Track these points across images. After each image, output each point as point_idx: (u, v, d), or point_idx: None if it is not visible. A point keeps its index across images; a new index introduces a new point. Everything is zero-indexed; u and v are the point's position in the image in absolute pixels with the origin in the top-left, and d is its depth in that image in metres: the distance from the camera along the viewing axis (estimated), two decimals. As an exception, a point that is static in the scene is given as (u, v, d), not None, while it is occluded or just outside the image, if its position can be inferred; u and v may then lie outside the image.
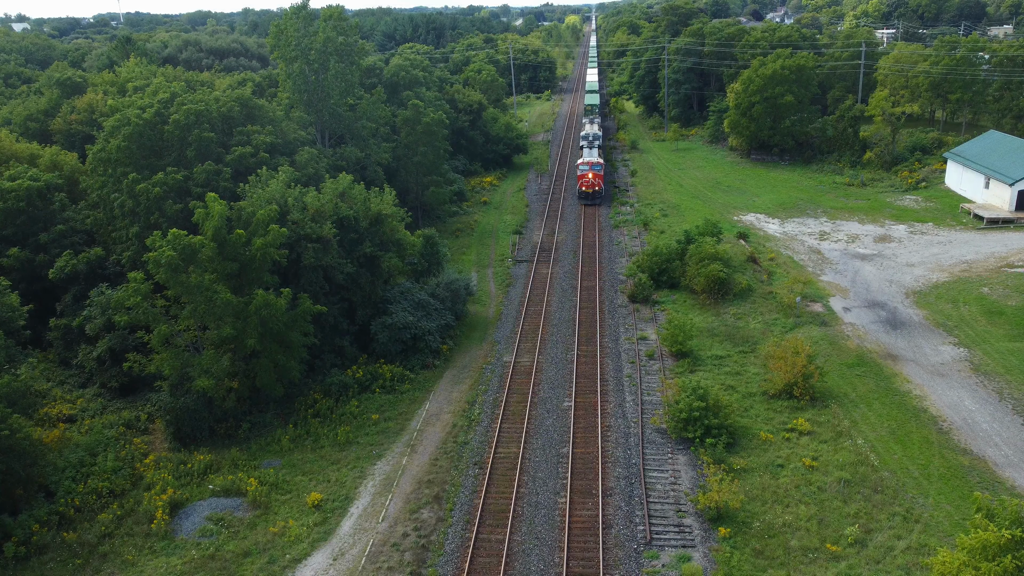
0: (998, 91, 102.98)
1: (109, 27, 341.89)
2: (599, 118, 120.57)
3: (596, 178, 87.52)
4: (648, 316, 58.21)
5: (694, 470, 39.19)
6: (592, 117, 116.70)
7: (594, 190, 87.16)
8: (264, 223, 45.04)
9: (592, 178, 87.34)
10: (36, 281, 54.51)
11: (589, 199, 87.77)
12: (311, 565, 34.05)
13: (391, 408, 46.96)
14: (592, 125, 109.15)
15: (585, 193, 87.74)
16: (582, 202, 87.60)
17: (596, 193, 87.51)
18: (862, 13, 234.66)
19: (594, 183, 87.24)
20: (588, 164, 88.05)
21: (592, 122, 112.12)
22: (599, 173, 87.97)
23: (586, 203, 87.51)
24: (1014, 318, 54.56)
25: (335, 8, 73.93)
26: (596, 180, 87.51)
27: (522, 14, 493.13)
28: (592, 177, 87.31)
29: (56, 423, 46.19)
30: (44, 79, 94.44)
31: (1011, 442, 40.47)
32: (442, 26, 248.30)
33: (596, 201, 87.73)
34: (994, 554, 25.13)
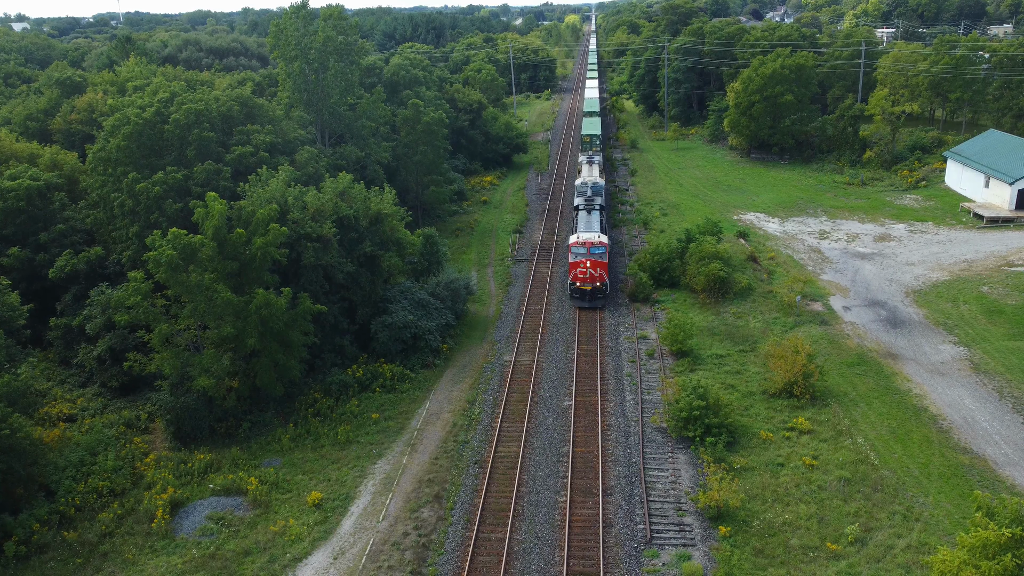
0: (998, 90, 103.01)
1: (109, 27, 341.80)
2: (601, 153, 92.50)
3: (596, 268, 57.90)
4: (648, 315, 58.22)
5: (694, 469, 39.20)
6: (591, 153, 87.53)
7: (593, 286, 57.97)
8: (264, 222, 45.04)
9: (590, 269, 57.84)
10: (36, 280, 54.52)
11: (586, 300, 58.37)
12: (311, 564, 34.06)
13: (391, 407, 46.98)
14: (591, 166, 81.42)
15: (580, 291, 58.24)
16: (576, 304, 58.83)
17: (596, 292, 58.16)
18: (862, 12, 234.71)
19: (594, 277, 57.91)
20: (584, 245, 58.06)
21: (591, 160, 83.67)
22: (601, 260, 58.08)
23: (582, 305, 58.60)
24: (1014, 317, 54.58)
25: (335, 7, 73.92)
26: (596, 273, 57.95)
27: (522, 13, 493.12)
28: (590, 267, 57.81)
29: (56, 422, 46.19)
30: (44, 79, 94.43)
31: (1011, 441, 40.49)
32: (442, 25, 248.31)
33: (597, 303, 58.30)
34: (994, 552, 25.14)
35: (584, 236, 59.79)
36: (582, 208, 67.60)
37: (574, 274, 58.27)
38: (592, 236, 59.68)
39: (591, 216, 65.51)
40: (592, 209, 66.80)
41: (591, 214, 65.87)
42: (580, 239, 59.20)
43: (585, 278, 57.78)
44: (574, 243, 59.28)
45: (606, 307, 58.53)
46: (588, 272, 57.61)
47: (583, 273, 57.72)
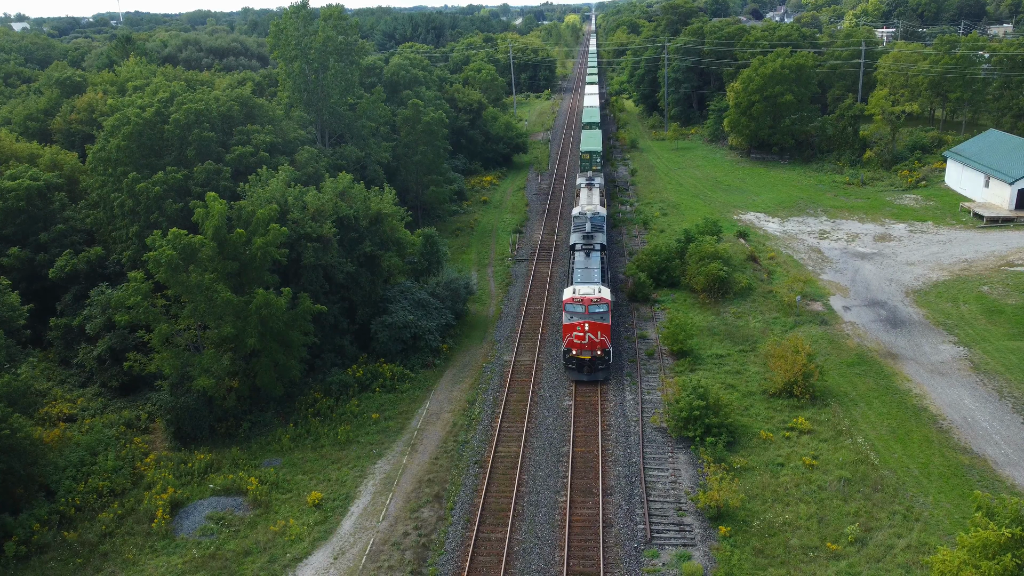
0: (998, 90, 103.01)
1: (109, 26, 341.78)
2: (602, 173, 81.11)
3: (596, 332, 46.88)
4: (648, 315, 58.21)
5: (694, 469, 39.21)
6: (591, 175, 76.71)
7: (593, 355, 47.12)
8: (264, 222, 45.04)
9: (588, 334, 46.86)
10: (36, 280, 54.53)
11: (584, 372, 47.64)
12: (312, 564, 34.07)
13: (391, 407, 46.98)
14: (590, 191, 70.47)
15: (577, 361, 47.48)
16: (572, 376, 48.07)
17: (597, 361, 47.33)
18: (862, 12, 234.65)
19: (593, 344, 47.02)
20: (582, 303, 47.32)
21: (591, 183, 72.64)
22: (602, 322, 47.12)
23: (578, 378, 47.77)
24: (1014, 317, 54.58)
25: (335, 7, 73.92)
26: (597, 339, 47.02)
27: (522, 13, 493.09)
28: (588, 331, 46.80)
29: (56, 422, 46.20)
30: (44, 78, 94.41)
31: (1011, 440, 40.49)
32: (442, 25, 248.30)
33: (598, 375, 47.62)
34: (994, 552, 25.14)
35: (582, 290, 48.63)
36: (580, 248, 55.62)
37: (569, 339, 47.47)
38: (591, 290, 48.56)
39: (590, 260, 53.82)
40: (591, 250, 55.02)
41: (590, 257, 54.24)
42: (577, 294, 48.16)
43: (582, 344, 47.08)
44: (569, 300, 48.09)
45: (610, 379, 48.19)
46: (587, 337, 46.87)
47: (580, 339, 47.03)
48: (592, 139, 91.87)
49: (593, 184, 72.93)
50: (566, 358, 47.97)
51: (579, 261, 54.23)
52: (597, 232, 58.44)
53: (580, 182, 75.79)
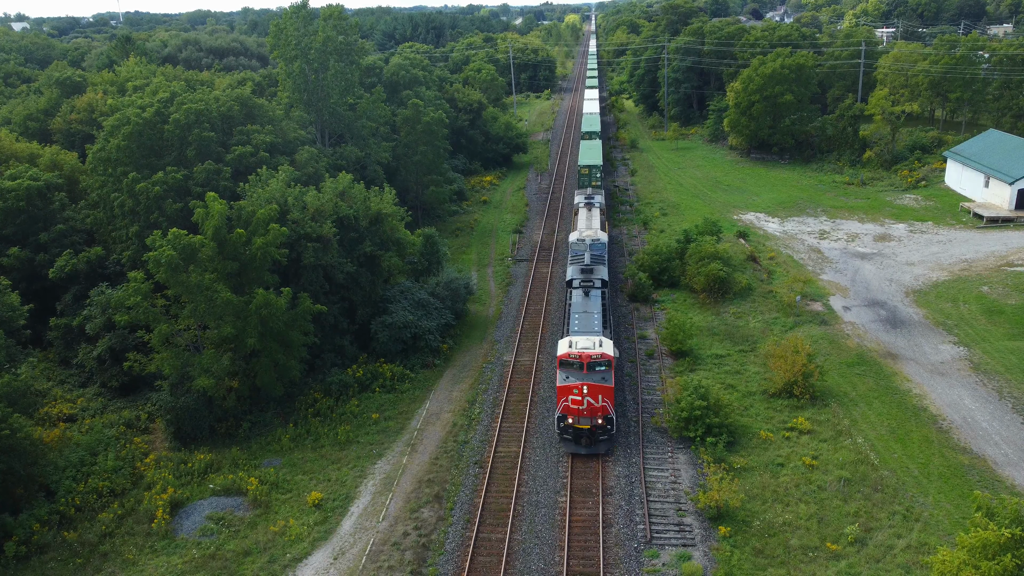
0: (998, 90, 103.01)
1: (108, 26, 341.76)
2: (602, 190, 74.06)
3: (597, 396, 38.97)
4: (648, 315, 58.21)
5: (694, 469, 39.21)
6: (590, 192, 70.16)
7: (593, 423, 39.19)
8: (264, 222, 45.05)
9: (588, 398, 38.85)
10: (36, 280, 54.52)
11: (583, 443, 39.85)
12: (312, 564, 34.07)
13: (391, 407, 46.99)
14: (590, 213, 64.00)
15: (574, 431, 39.54)
16: (569, 449, 40.26)
17: (598, 431, 39.52)
18: (862, 12, 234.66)
19: (594, 410, 39.07)
20: (580, 359, 39.35)
21: (590, 203, 66.32)
22: (604, 384, 39.25)
23: (576, 451, 40.09)
24: (1014, 317, 54.58)
25: (335, 7, 73.91)
26: (598, 404, 39.05)
27: (522, 13, 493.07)
28: (588, 395, 38.82)
29: (56, 422, 46.21)
30: (44, 78, 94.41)
31: (1011, 441, 40.50)
32: (442, 25, 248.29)
33: (599, 447, 39.99)
34: (994, 553, 25.15)
35: (580, 343, 40.14)
36: (578, 286, 47.78)
37: (564, 404, 39.13)
38: (591, 343, 40.11)
39: (589, 301, 45.62)
40: (591, 287, 47.15)
41: (589, 297, 46.07)
42: (574, 348, 39.80)
43: (580, 411, 38.79)
44: (565, 356, 39.64)
45: (613, 450, 40.31)
46: (585, 402, 38.58)
47: (577, 404, 38.65)
48: (591, 151, 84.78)
49: (593, 203, 66.02)
50: (560, 427, 39.80)
51: (577, 303, 46.13)
52: (598, 264, 50.84)
53: (578, 200, 67.90)
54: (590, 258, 51.85)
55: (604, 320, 44.66)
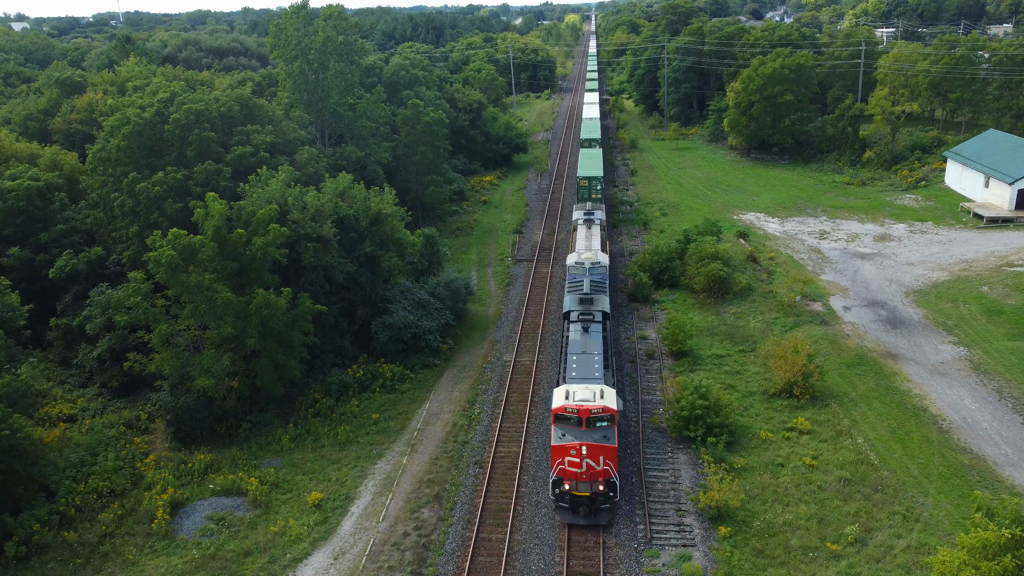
0: (998, 90, 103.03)
1: (108, 26, 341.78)
2: (603, 205, 67.01)
3: (598, 458, 33.90)
4: (648, 315, 58.21)
5: (694, 469, 39.21)
6: (590, 207, 63.65)
7: (594, 490, 34.23)
8: (264, 222, 45.06)
9: (587, 460, 33.81)
10: (36, 281, 54.51)
11: (581, 513, 34.71)
12: (312, 564, 34.07)
13: (391, 407, 46.98)
14: (589, 231, 57.73)
15: (572, 499, 34.49)
16: (564, 519, 35.00)
17: (599, 498, 34.48)
18: (861, 12, 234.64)
19: (594, 473, 34.10)
20: (579, 413, 34.02)
21: (590, 219, 59.98)
22: (606, 444, 33.93)
23: (574, 521, 34.75)
24: (1014, 317, 54.59)
25: (335, 7, 73.92)
26: (599, 467, 34.03)
27: (522, 13, 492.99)
28: (587, 457, 33.78)
29: (56, 423, 46.21)
30: (44, 78, 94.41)
31: (1011, 441, 40.51)
32: (442, 25, 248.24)
33: (599, 517, 34.85)
34: (994, 553, 25.15)
35: (579, 394, 34.39)
36: (576, 319, 41.79)
37: (560, 467, 33.92)
38: (591, 393, 34.45)
39: (589, 339, 39.82)
40: (591, 322, 41.30)
41: (589, 334, 40.18)
42: (571, 400, 34.07)
43: (579, 475, 33.58)
44: (561, 409, 33.97)
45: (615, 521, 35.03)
46: (584, 465, 33.41)
47: (575, 466, 33.48)
48: (591, 161, 77.35)
49: (593, 220, 59.71)
50: (556, 492, 34.21)
51: (575, 341, 39.87)
52: (598, 293, 44.90)
53: (576, 217, 61.55)
54: (590, 285, 45.81)
55: (606, 361, 38.97)
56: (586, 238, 56.96)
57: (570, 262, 52.00)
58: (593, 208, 63.70)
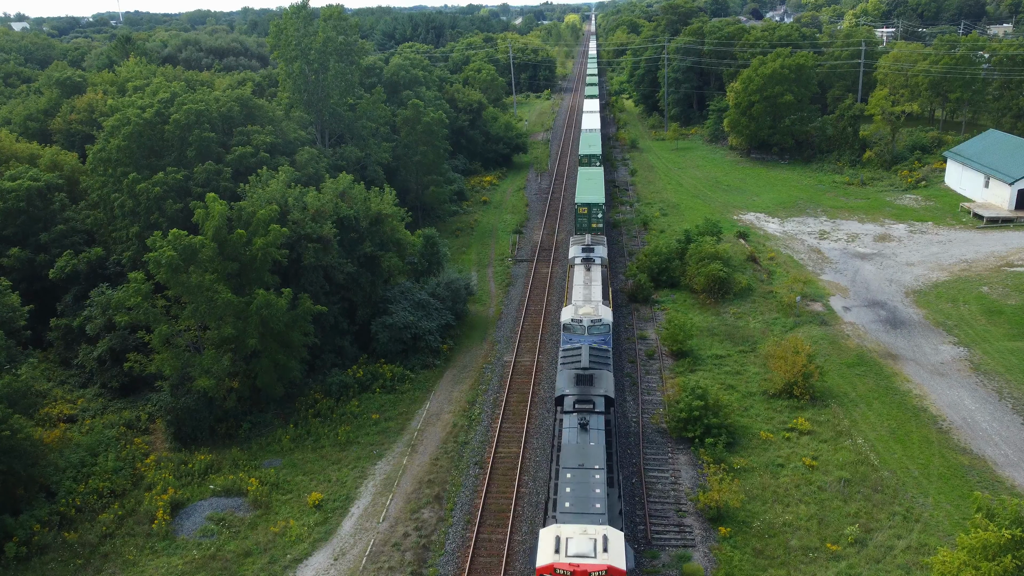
0: (998, 90, 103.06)
1: (108, 26, 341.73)
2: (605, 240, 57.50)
3: None
4: (648, 315, 58.22)
5: (694, 469, 39.23)
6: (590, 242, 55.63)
7: None
8: (264, 223, 45.07)
9: None
10: (36, 281, 54.52)
11: None
12: (312, 565, 34.08)
13: (391, 408, 47.00)
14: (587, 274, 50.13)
15: None
16: None
17: None
18: (861, 12, 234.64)
19: None
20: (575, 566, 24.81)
21: (589, 259, 51.75)
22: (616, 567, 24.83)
23: None
24: (1014, 317, 54.60)
25: (335, 7, 73.92)
26: None
27: (521, 13, 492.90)
28: None
29: (57, 423, 46.21)
30: (44, 78, 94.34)
31: (1011, 441, 40.52)
32: (442, 25, 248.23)
33: None
34: (994, 554, 25.17)
35: (573, 544, 25.92)
36: (571, 407, 33.61)
37: None
38: (590, 543, 25.93)
39: (588, 440, 31.62)
40: (591, 412, 33.24)
41: (588, 431, 32.04)
42: (563, 555, 25.62)
43: None
44: (547, 569, 25.48)
45: None
46: None
47: None
48: (591, 184, 67.02)
49: (593, 259, 51.28)
50: None
51: (569, 445, 31.28)
52: (600, 367, 36.93)
53: (574, 254, 53.23)
54: (589, 357, 37.34)
55: (610, 478, 29.59)
56: (584, 284, 48.79)
57: (565, 318, 43.36)
58: (593, 243, 55.59)
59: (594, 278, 49.65)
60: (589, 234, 59.28)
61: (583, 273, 50.46)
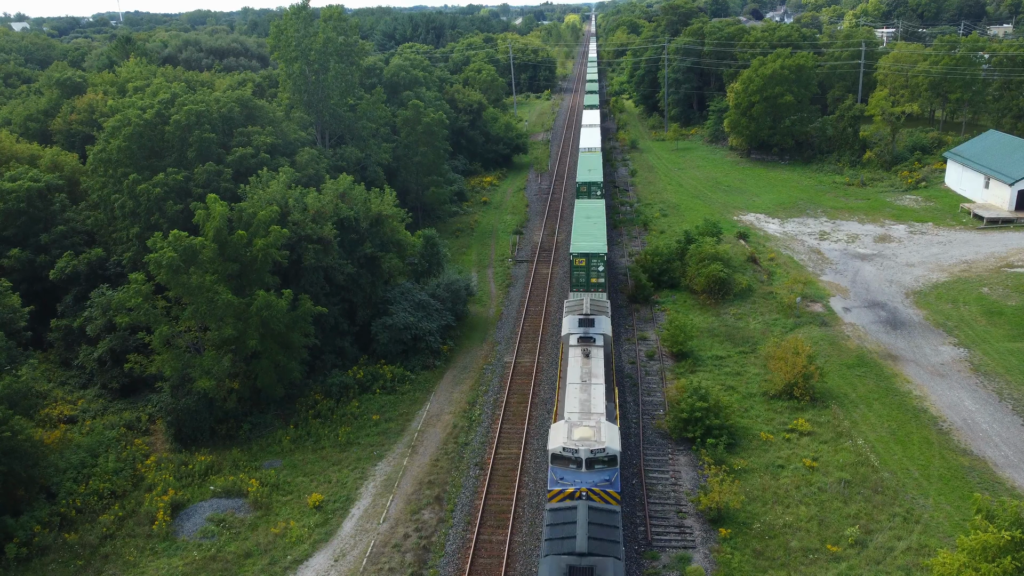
0: (998, 90, 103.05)
1: (108, 26, 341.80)
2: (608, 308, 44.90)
3: None
4: (648, 316, 58.23)
5: (694, 470, 39.24)
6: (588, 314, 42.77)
7: None
8: (265, 224, 45.09)
9: None
10: (37, 282, 54.52)
11: None
12: (312, 566, 34.10)
13: (392, 408, 47.01)
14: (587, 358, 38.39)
15: None
16: None
17: None
18: (862, 12, 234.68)
19: None
20: None
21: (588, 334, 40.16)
22: None
23: None
24: (1014, 318, 54.61)
25: (335, 8, 73.93)
26: None
27: (522, 13, 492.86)
28: None
29: (57, 424, 46.21)
30: (44, 79, 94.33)
31: (1011, 442, 40.53)
32: (442, 25, 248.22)
33: None
34: (994, 555, 25.19)
35: None
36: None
37: None
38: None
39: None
40: None
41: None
42: None
43: None
44: None
45: None
46: None
47: None
48: (590, 224, 56.31)
49: (593, 339, 39.71)
50: None
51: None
52: (605, 538, 26.99)
53: (568, 329, 40.40)
54: (587, 524, 27.04)
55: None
56: (582, 382, 36.27)
57: (553, 444, 32.04)
58: (594, 310, 42.65)
59: (595, 370, 36.77)
60: (587, 294, 46.92)
61: (579, 362, 37.68)
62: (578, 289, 51.07)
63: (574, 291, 51.20)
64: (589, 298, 46.14)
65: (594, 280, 51.39)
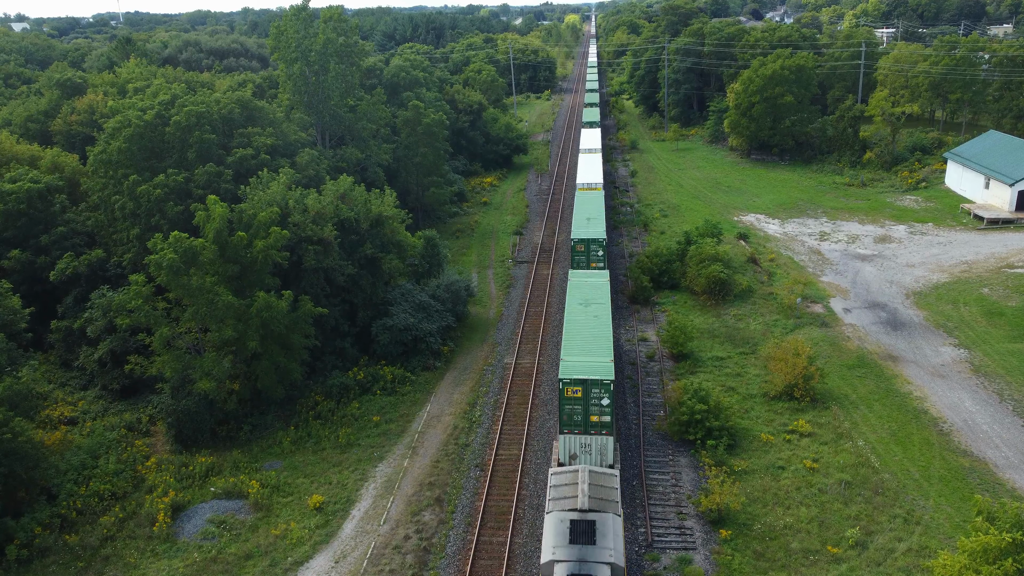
0: (998, 91, 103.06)
1: (109, 27, 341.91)
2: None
3: None
4: (648, 317, 58.22)
5: (695, 472, 39.24)
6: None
7: None
8: (265, 225, 45.10)
9: None
10: (37, 283, 54.53)
11: None
12: (313, 567, 34.10)
13: (392, 410, 47.01)
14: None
15: None
16: None
17: None
18: (862, 12, 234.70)
19: None
20: None
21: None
22: None
23: None
24: (1014, 319, 54.60)
25: (335, 9, 73.91)
26: None
27: (522, 13, 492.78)
28: None
29: (58, 425, 46.22)
30: (44, 79, 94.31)
31: (1011, 444, 40.52)
32: (442, 26, 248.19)
33: None
34: (995, 557, 25.18)
35: None
36: None
37: None
38: None
39: None
40: None
41: None
42: None
43: None
44: None
45: None
46: None
47: None
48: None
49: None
50: None
51: None
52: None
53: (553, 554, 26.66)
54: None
55: None
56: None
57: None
58: (594, 500, 28.61)
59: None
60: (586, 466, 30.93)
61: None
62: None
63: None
64: (588, 472, 29.73)
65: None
